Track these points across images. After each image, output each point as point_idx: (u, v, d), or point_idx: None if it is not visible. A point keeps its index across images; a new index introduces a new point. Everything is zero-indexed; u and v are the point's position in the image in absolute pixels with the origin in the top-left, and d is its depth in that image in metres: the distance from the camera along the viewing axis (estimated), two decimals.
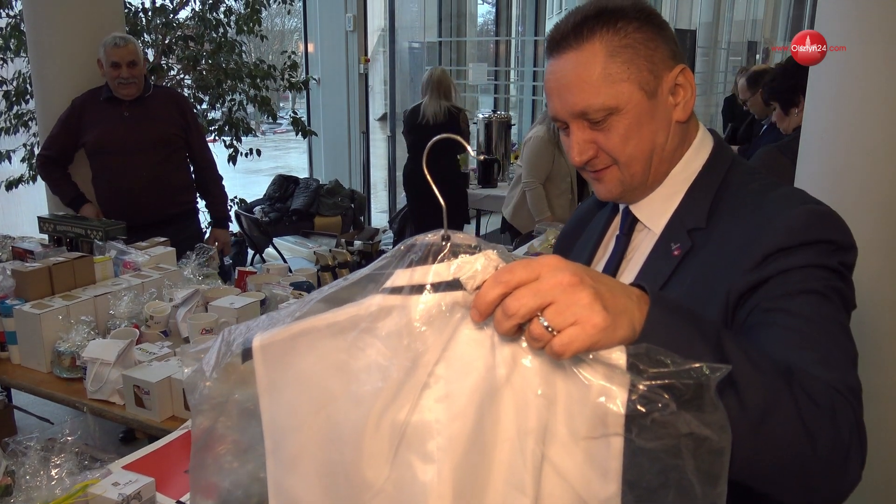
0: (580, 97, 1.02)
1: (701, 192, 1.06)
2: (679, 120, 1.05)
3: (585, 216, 1.31)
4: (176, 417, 1.81)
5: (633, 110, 1.02)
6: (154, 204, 3.29)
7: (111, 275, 2.43)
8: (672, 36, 1.06)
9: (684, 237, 1.03)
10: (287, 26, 12.64)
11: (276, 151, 13.27)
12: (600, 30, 1.01)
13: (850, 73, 2.03)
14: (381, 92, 10.26)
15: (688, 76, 1.05)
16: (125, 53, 3.17)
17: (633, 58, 1.01)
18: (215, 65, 4.99)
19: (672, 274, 1.01)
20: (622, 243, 1.13)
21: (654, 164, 1.06)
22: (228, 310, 2.01)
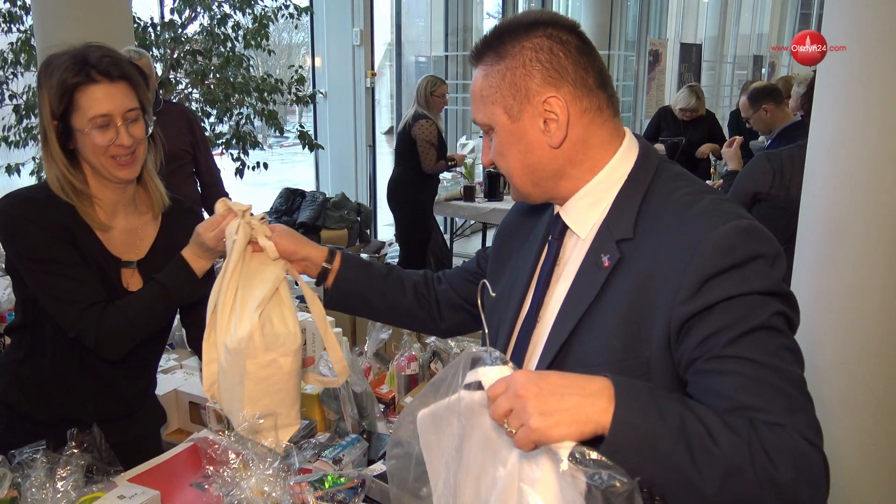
0: (473, 110, 1.16)
1: (626, 202, 1.09)
2: (551, 145, 1.08)
3: (524, 215, 1.33)
4: (182, 430, 1.81)
5: (501, 130, 1.11)
6: None
7: None
8: (573, 59, 1.08)
9: (613, 248, 1.06)
10: (294, 41, 12.73)
11: (282, 165, 13.31)
12: (487, 52, 1.11)
13: (855, 78, 2.03)
14: (387, 106, 10.30)
15: (554, 104, 1.07)
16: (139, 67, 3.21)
17: (500, 83, 1.09)
18: (223, 79, 5.02)
19: (603, 286, 1.05)
20: (554, 248, 1.17)
21: (535, 180, 1.13)
22: None
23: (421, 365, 1.91)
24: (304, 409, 1.67)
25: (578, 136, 1.09)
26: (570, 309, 1.08)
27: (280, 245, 1.34)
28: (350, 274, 1.40)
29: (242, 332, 1.21)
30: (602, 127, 1.11)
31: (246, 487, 1.29)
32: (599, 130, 1.11)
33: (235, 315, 1.24)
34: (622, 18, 9.96)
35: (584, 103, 1.09)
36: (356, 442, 1.54)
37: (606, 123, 1.12)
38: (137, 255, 1.58)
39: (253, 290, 1.27)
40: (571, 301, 1.09)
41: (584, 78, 1.08)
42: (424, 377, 1.92)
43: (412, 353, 1.90)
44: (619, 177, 1.11)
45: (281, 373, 1.25)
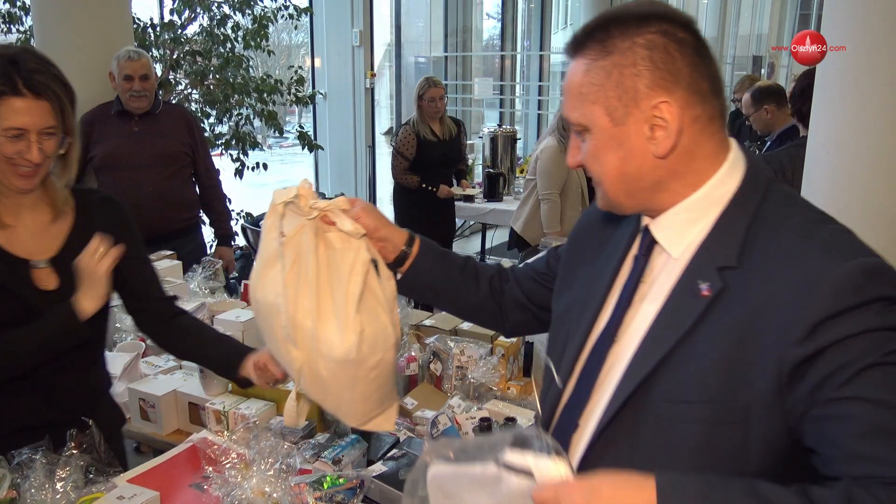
0: (565, 106, 1.06)
1: (730, 226, 0.98)
2: (656, 155, 0.99)
3: (601, 221, 1.22)
4: (181, 431, 1.81)
5: (600, 133, 1.01)
6: (158, 219, 3.30)
7: None
8: (689, 60, 0.97)
9: (714, 276, 0.95)
10: (294, 41, 12.73)
11: (282, 165, 13.28)
12: (591, 44, 1.00)
13: (855, 78, 2.03)
14: (387, 106, 10.30)
15: (670, 111, 0.96)
16: (138, 67, 3.21)
17: (605, 81, 0.98)
18: (223, 79, 5.02)
19: (701, 317, 0.94)
20: (640, 265, 1.07)
21: (630, 191, 1.03)
22: (234, 323, 2.01)
23: (420, 365, 1.91)
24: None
25: (686, 146, 0.99)
26: (660, 336, 0.98)
27: (362, 221, 1.17)
28: (426, 262, 1.28)
29: (348, 343, 1.10)
30: (710, 138, 1.01)
31: (247, 487, 1.30)
32: (707, 142, 1.00)
33: (329, 322, 1.11)
34: None
35: (696, 111, 0.98)
36: (356, 443, 1.54)
37: (715, 135, 1.01)
38: (49, 252, 1.51)
39: (340, 285, 1.12)
40: (661, 327, 0.98)
41: (698, 82, 0.98)
42: (424, 378, 1.92)
43: (412, 353, 1.90)
44: (722, 195, 1.00)
45: (388, 367, 1.17)
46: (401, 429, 1.71)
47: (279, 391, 1.71)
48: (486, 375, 1.79)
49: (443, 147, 4.72)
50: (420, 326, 2.06)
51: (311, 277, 1.11)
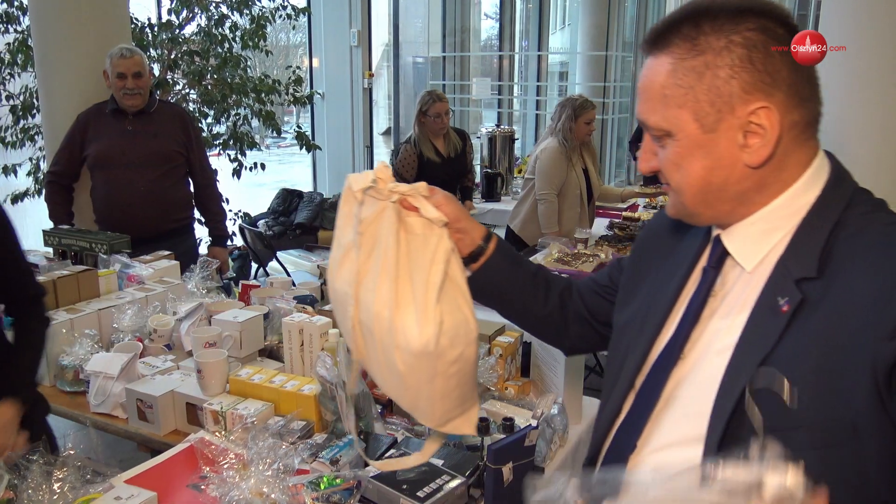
0: (642, 108, 0.97)
1: (809, 234, 0.90)
2: (749, 164, 0.91)
3: (669, 229, 1.15)
4: (178, 431, 1.80)
5: (685, 140, 0.92)
6: (151, 219, 3.29)
7: (115, 288, 2.44)
8: (790, 59, 0.89)
9: (792, 289, 0.88)
10: (292, 41, 12.72)
11: (280, 165, 13.31)
12: (677, 42, 0.91)
13: (850, 75, 2.04)
14: (385, 106, 10.30)
15: (769, 117, 0.88)
16: (131, 64, 3.19)
17: (695, 84, 0.89)
18: (220, 79, 5.02)
19: (783, 333, 0.87)
20: (710, 278, 1.00)
21: (711, 202, 0.95)
22: (232, 323, 2.01)
23: None
24: (300, 409, 1.67)
25: (779, 155, 0.90)
26: (742, 362, 0.89)
27: (444, 209, 1.08)
28: (500, 262, 1.21)
29: (428, 334, 1.02)
30: (802, 146, 0.93)
31: (245, 488, 1.29)
32: (798, 150, 0.92)
33: (407, 311, 1.04)
34: (619, 19, 9.97)
35: (794, 116, 0.90)
36: (353, 443, 1.54)
37: (807, 142, 0.93)
38: None
39: (420, 273, 1.05)
40: (743, 352, 0.90)
41: (798, 85, 0.89)
42: None
43: None
44: (802, 204, 0.92)
45: (469, 363, 1.10)
46: (398, 429, 1.71)
47: (278, 391, 1.71)
48: (483, 376, 1.79)
49: (447, 167, 4.43)
50: None
51: (391, 264, 1.04)
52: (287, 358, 1.97)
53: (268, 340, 2.12)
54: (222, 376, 1.80)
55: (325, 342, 1.89)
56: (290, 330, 1.94)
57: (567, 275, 3.14)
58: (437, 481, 1.36)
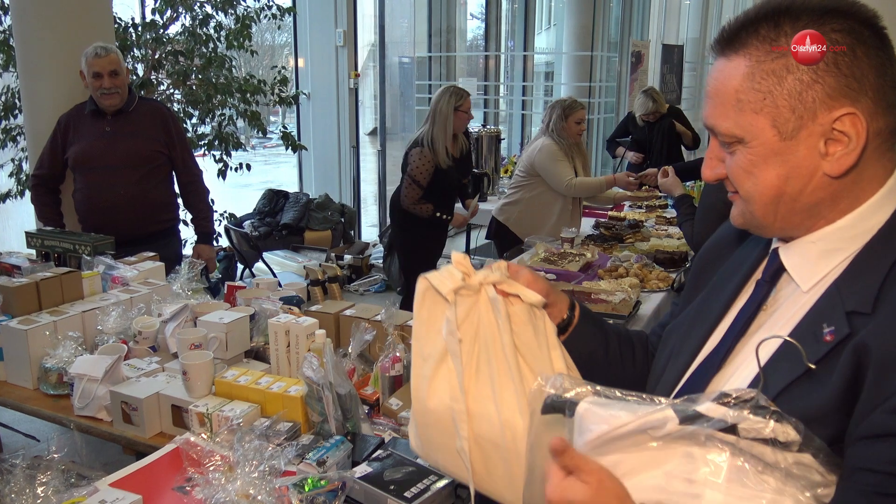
0: (712, 112, 0.91)
1: (871, 262, 0.85)
2: (829, 174, 0.85)
3: (730, 239, 1.12)
4: (164, 434, 1.79)
5: (760, 148, 0.87)
6: (134, 221, 3.26)
7: (99, 290, 2.42)
8: (877, 63, 0.83)
9: (841, 320, 0.82)
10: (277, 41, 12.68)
11: (265, 166, 13.26)
12: (755, 43, 0.86)
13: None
14: (371, 107, 10.29)
15: (855, 124, 0.82)
16: (106, 63, 3.15)
17: (775, 89, 0.84)
18: (205, 79, 4.99)
19: (817, 363, 0.82)
20: (762, 291, 0.96)
21: (783, 212, 0.90)
22: (217, 325, 2.00)
23: (405, 366, 1.91)
24: (286, 410, 1.67)
25: (859, 166, 0.85)
26: (771, 379, 0.85)
27: (535, 287, 1.02)
28: (588, 329, 1.16)
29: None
30: (881, 158, 0.87)
31: (231, 490, 1.29)
32: (877, 163, 0.87)
33: None
34: (605, 20, 10.02)
35: (879, 123, 0.84)
36: (340, 444, 1.54)
37: (887, 154, 0.87)
38: None
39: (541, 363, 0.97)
40: (773, 369, 0.86)
41: (885, 90, 0.83)
42: (409, 378, 1.92)
43: (396, 354, 1.90)
44: (870, 226, 0.87)
45: None
46: (385, 429, 1.71)
47: (264, 393, 1.71)
48: None
49: (457, 170, 4.18)
50: (405, 327, 2.06)
51: (509, 363, 0.94)
52: (273, 359, 1.96)
53: (254, 342, 2.12)
54: (208, 378, 1.79)
55: (311, 343, 1.89)
56: (276, 331, 1.93)
57: (555, 275, 3.15)
58: (424, 482, 1.36)
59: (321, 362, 1.62)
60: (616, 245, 3.82)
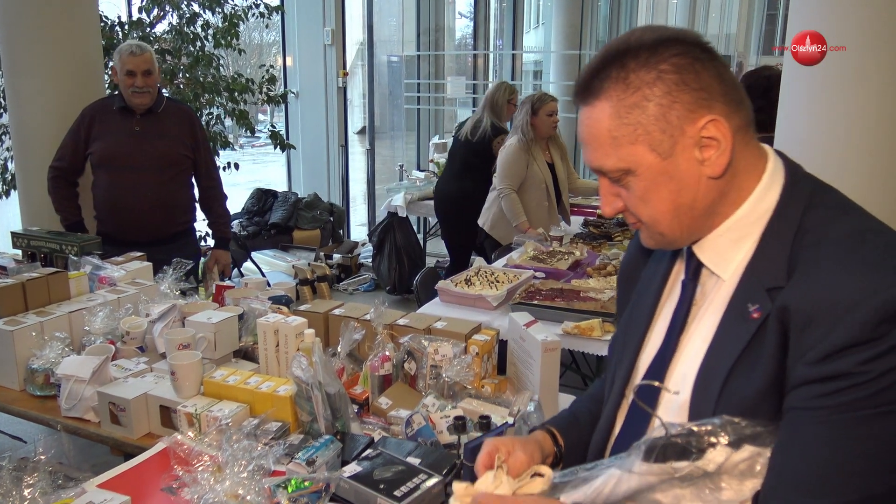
0: (594, 155, 0.99)
1: (775, 241, 0.94)
2: (712, 176, 0.95)
3: (643, 250, 1.19)
4: (152, 434, 1.78)
5: (647, 172, 0.96)
6: (155, 224, 3.25)
7: (86, 290, 2.40)
8: (714, 73, 0.94)
9: (763, 297, 0.91)
10: (265, 40, 12.63)
11: (254, 165, 13.21)
12: (610, 86, 0.95)
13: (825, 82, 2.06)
14: (359, 105, 10.26)
15: (719, 128, 0.93)
16: (140, 62, 3.13)
17: (641, 119, 0.93)
18: (193, 78, 4.97)
19: (752, 341, 0.92)
20: (689, 290, 1.04)
21: (686, 222, 0.99)
22: (206, 325, 1.99)
23: (395, 365, 1.91)
24: (275, 409, 1.67)
25: (733, 161, 0.95)
26: (714, 366, 0.95)
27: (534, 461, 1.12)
28: (573, 437, 1.23)
29: None
30: (747, 148, 0.97)
31: (220, 490, 1.28)
32: (745, 152, 0.97)
33: None
34: (593, 18, 10.04)
35: (736, 121, 0.95)
36: (330, 443, 1.54)
37: (751, 143, 0.98)
38: None
39: None
40: (715, 356, 0.96)
41: (729, 92, 0.95)
42: (398, 377, 1.92)
43: (386, 353, 1.90)
44: (765, 209, 0.97)
45: None
46: (375, 428, 1.71)
47: (253, 393, 1.70)
48: (460, 374, 1.80)
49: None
50: (394, 326, 2.06)
51: None
52: (262, 359, 1.96)
53: (242, 342, 2.11)
54: (196, 378, 1.79)
55: (300, 343, 1.88)
56: (265, 331, 1.92)
57: (544, 273, 3.15)
58: (413, 480, 1.36)
59: (310, 362, 1.62)
60: (605, 243, 3.83)
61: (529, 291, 2.81)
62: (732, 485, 0.89)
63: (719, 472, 0.88)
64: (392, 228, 5.73)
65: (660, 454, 0.90)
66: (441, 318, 2.12)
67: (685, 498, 0.91)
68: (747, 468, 0.88)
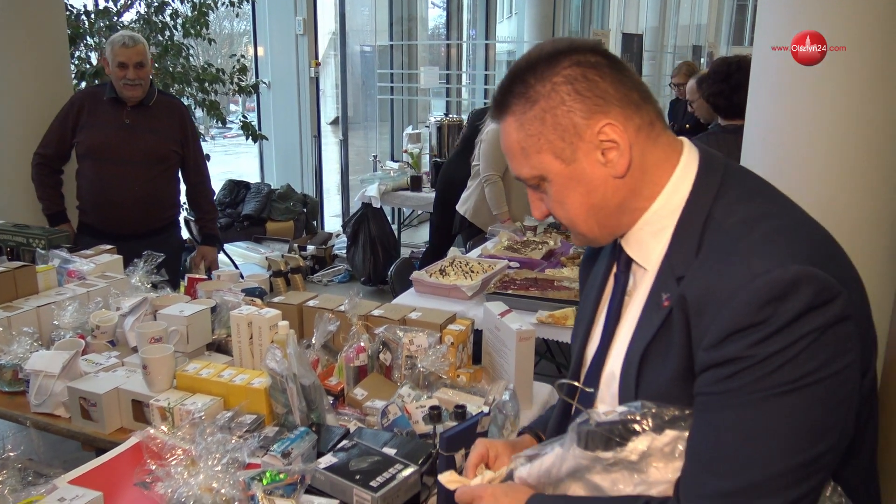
0: (512, 165, 1.07)
1: (686, 231, 0.99)
2: (617, 176, 1.00)
3: (591, 253, 1.28)
4: (124, 429, 1.76)
5: (556, 179, 1.03)
6: (140, 218, 3.20)
7: (55, 284, 2.36)
8: (610, 79, 0.99)
9: (673, 285, 0.96)
10: (236, 29, 12.48)
11: (226, 156, 13.07)
12: (514, 101, 1.02)
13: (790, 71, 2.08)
14: (332, 96, 10.20)
15: (615, 130, 0.98)
16: (133, 54, 3.06)
17: (542, 129, 1.00)
18: (162, 68, 4.90)
19: (661, 328, 0.96)
20: (621, 281, 1.10)
21: (601, 221, 1.05)
22: (178, 318, 1.97)
23: (370, 356, 1.91)
24: (248, 401, 1.66)
25: (637, 159, 1.00)
26: (632, 353, 1.01)
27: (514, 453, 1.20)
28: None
29: None
30: (656, 144, 1.02)
31: (194, 484, 1.27)
32: (654, 149, 1.02)
33: None
34: (566, 9, 10.07)
35: (635, 121, 1.00)
36: (305, 435, 1.53)
37: (660, 139, 1.03)
38: None
39: None
40: (635, 344, 1.02)
41: (627, 95, 0.99)
42: (373, 368, 1.92)
43: (360, 343, 1.89)
44: (679, 200, 1.01)
45: None
46: (350, 419, 1.71)
47: (227, 385, 1.69)
48: (435, 364, 1.80)
49: None
50: (369, 317, 2.05)
51: None
52: (236, 352, 1.94)
53: (216, 334, 2.09)
54: (169, 372, 1.77)
55: (274, 335, 1.87)
56: (238, 323, 1.91)
57: (518, 263, 3.17)
58: (389, 471, 1.37)
59: (284, 354, 1.61)
60: None
61: (504, 281, 2.82)
62: (660, 466, 0.93)
63: (645, 456, 0.93)
64: (366, 219, 5.71)
65: (589, 442, 0.96)
66: (416, 308, 2.12)
67: (619, 481, 0.96)
68: (671, 451, 0.93)
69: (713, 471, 0.87)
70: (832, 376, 0.84)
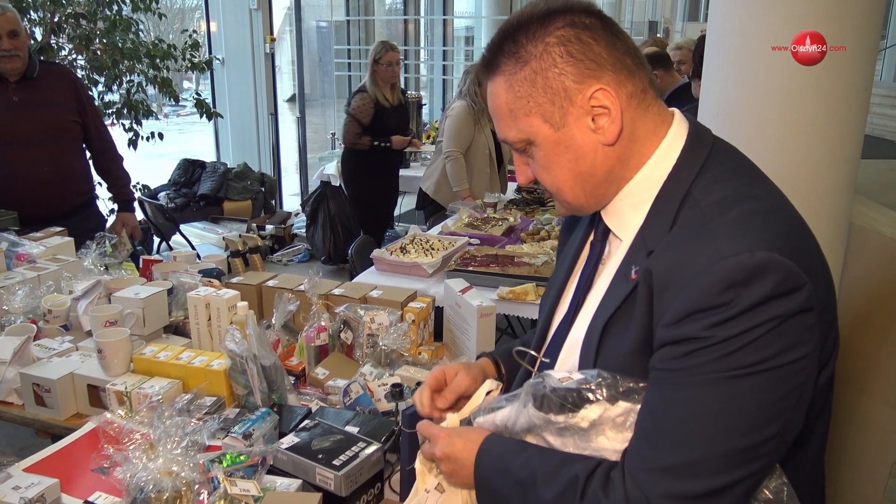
0: (499, 128, 1.04)
1: (664, 206, 0.97)
2: (606, 143, 0.97)
3: (569, 222, 1.27)
4: (80, 415, 1.73)
5: (544, 142, 0.99)
6: (54, 198, 3.07)
7: (3, 268, 2.30)
8: (605, 42, 0.95)
9: (643, 259, 0.94)
10: (187, 4, 12.16)
11: (180, 135, 12.80)
12: (504, 61, 0.98)
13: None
14: (288, 72, 10.01)
15: (607, 96, 0.95)
16: (4, 23, 2.90)
17: (532, 91, 0.96)
18: (110, 44, 4.74)
19: (625, 301, 0.96)
20: (596, 250, 1.09)
21: (588, 189, 1.02)
22: (133, 300, 1.93)
23: (331, 335, 1.90)
24: (207, 383, 1.64)
25: (627, 126, 0.97)
26: (596, 323, 1.00)
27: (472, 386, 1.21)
28: (515, 371, 1.28)
29: None
30: (647, 113, 0.99)
31: (153, 468, 1.26)
32: (644, 118, 0.99)
33: None
34: None
35: (628, 88, 0.96)
36: (266, 416, 1.52)
37: (650, 108, 0.99)
38: None
39: None
40: (600, 313, 1.00)
41: (621, 60, 0.96)
42: (334, 347, 1.91)
43: (321, 323, 1.88)
44: (661, 173, 0.98)
45: None
46: (312, 399, 1.70)
47: (185, 368, 1.67)
48: (396, 342, 1.80)
49: (397, 114, 4.82)
50: (329, 296, 2.04)
51: None
52: (194, 333, 1.92)
53: (173, 317, 2.06)
54: (125, 355, 1.74)
55: (233, 316, 1.85)
56: (195, 305, 1.88)
57: (478, 239, 3.17)
58: (352, 448, 1.37)
59: (244, 335, 1.60)
60: (538, 209, 3.88)
61: (464, 258, 2.83)
62: (611, 436, 0.94)
63: (596, 425, 0.94)
64: (325, 198, 5.66)
65: (543, 404, 0.96)
66: (377, 286, 2.11)
67: (569, 445, 0.97)
68: (623, 422, 0.93)
69: (658, 445, 0.88)
70: (786, 365, 0.83)
